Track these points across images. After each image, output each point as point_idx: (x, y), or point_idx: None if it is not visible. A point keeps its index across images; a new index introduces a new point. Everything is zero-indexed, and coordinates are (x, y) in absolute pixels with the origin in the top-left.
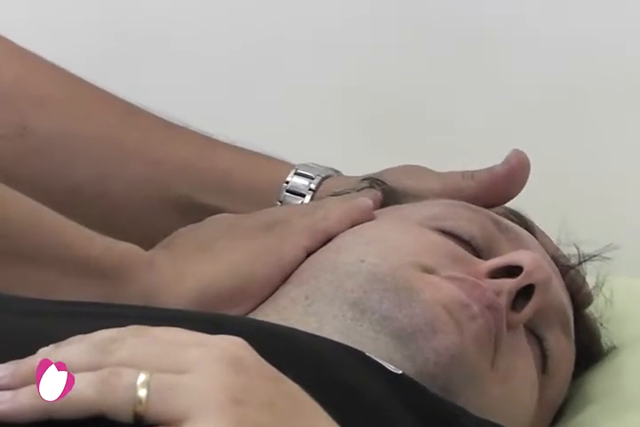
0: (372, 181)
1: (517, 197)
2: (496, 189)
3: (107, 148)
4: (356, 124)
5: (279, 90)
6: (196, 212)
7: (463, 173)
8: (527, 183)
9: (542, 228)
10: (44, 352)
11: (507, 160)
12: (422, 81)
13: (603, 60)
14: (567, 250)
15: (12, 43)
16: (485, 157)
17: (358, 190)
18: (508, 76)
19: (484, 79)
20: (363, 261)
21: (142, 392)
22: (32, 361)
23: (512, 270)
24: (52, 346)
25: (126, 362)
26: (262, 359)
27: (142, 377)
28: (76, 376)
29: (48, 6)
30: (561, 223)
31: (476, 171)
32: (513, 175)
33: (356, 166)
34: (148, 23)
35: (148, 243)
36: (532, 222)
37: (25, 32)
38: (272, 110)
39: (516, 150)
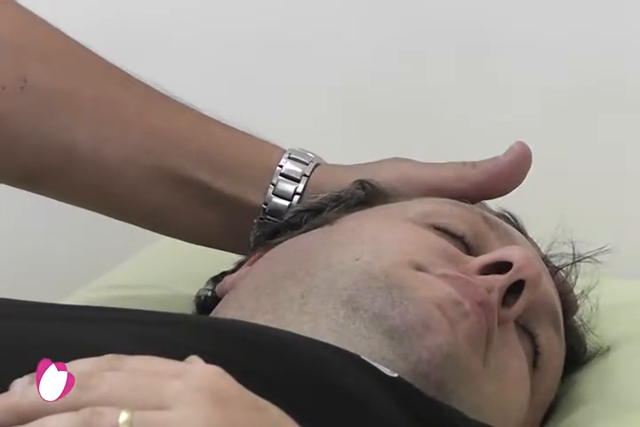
0: (362, 183)
1: (515, 195)
2: (500, 177)
3: (105, 112)
4: (356, 124)
5: (279, 90)
6: (186, 185)
7: (465, 163)
8: (525, 183)
9: (538, 227)
10: (18, 386)
11: (510, 150)
12: (422, 81)
13: (603, 61)
14: (562, 248)
15: None
16: (485, 157)
17: (346, 192)
18: (508, 77)
19: (484, 79)
20: (357, 259)
21: None
22: (6, 399)
23: (502, 266)
24: (27, 379)
25: (106, 399)
26: (242, 388)
27: (124, 416)
28: (57, 417)
29: (46, 6)
30: (558, 222)
31: (478, 161)
32: (516, 164)
33: None
34: (147, 22)
35: (142, 216)
36: (522, 224)
37: None
38: (271, 110)
39: (519, 142)
